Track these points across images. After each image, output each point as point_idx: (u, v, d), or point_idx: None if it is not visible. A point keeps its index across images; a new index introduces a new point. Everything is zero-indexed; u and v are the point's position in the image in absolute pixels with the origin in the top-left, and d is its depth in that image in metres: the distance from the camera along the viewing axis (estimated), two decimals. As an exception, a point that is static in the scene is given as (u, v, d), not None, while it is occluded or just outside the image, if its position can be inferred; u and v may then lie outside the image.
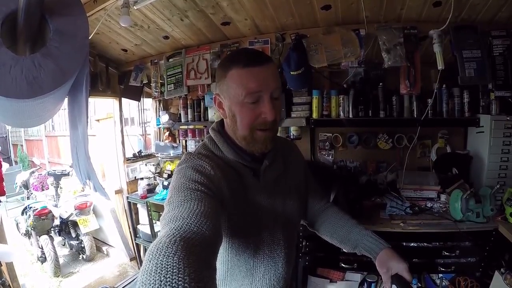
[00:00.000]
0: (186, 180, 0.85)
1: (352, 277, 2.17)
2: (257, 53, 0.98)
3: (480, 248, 2.01)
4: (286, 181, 1.11)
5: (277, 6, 2.15)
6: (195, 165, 0.91)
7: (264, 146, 0.96)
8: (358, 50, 2.22)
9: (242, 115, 0.92)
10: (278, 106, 0.94)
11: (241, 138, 0.97)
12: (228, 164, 0.98)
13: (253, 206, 0.99)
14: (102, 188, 2.00)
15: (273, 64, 0.94)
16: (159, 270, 0.51)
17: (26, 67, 1.03)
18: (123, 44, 2.92)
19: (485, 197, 1.99)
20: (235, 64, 0.90)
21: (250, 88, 0.88)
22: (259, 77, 0.88)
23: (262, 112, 0.90)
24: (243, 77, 0.88)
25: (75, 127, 1.62)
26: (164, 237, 0.62)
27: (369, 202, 2.38)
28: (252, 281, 1.01)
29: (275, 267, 1.03)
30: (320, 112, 2.55)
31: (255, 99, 0.89)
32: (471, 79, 2.09)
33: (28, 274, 3.94)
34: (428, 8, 2.03)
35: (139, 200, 3.33)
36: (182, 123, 3.31)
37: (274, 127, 0.97)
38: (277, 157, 1.09)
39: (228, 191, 0.92)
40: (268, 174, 1.04)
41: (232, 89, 0.90)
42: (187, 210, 0.72)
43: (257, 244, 1.00)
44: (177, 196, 0.79)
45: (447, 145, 2.58)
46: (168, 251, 0.56)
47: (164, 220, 0.73)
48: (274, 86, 0.91)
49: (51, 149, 8.89)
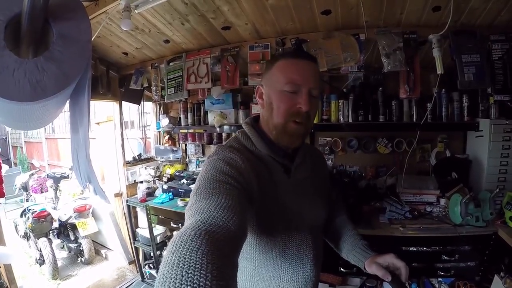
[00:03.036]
0: (216, 171, 0.84)
1: (351, 281, 2.16)
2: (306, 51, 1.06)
3: (480, 252, 2.01)
4: (315, 184, 1.12)
5: (277, 11, 2.17)
6: (226, 158, 0.91)
7: (292, 141, 0.99)
8: (358, 55, 2.23)
9: (279, 102, 0.96)
10: (314, 104, 0.98)
11: (273, 127, 0.99)
12: (259, 158, 0.99)
13: (282, 203, 0.99)
14: (103, 191, 1.99)
15: (317, 66, 1.00)
16: (182, 264, 0.50)
17: (29, 70, 1.04)
18: (124, 47, 2.93)
19: (485, 201, 1.99)
20: (284, 56, 0.99)
21: (292, 78, 0.94)
22: (302, 70, 0.95)
23: (298, 102, 0.94)
24: (288, 66, 0.96)
25: (76, 130, 1.62)
26: (189, 229, 0.61)
27: (369, 207, 2.39)
28: (279, 283, 0.99)
29: (303, 268, 1.01)
30: (319, 117, 2.56)
31: (294, 89, 0.94)
32: (470, 83, 2.10)
33: (26, 276, 3.93)
34: (427, 12, 2.04)
35: (139, 204, 3.32)
36: (182, 127, 3.33)
37: (308, 123, 0.98)
38: (307, 159, 1.10)
39: (258, 186, 0.91)
40: (298, 172, 1.05)
41: (275, 77, 0.97)
42: (214, 203, 0.71)
43: (285, 243, 0.98)
44: (205, 188, 0.78)
45: (447, 149, 2.59)
46: (192, 244, 0.55)
47: (190, 211, 0.72)
48: (314, 84, 0.96)
49: (50, 152, 8.88)
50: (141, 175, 3.65)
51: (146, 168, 3.70)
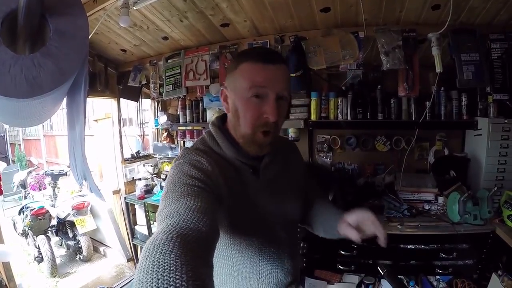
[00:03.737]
0: (183, 175, 0.83)
1: (349, 279, 2.17)
2: (271, 51, 0.99)
3: (478, 250, 2.02)
4: (287, 179, 1.09)
5: (276, 8, 2.16)
6: (192, 161, 0.89)
7: (260, 149, 0.95)
8: (357, 53, 2.22)
9: (245, 111, 0.90)
10: (283, 108, 0.93)
11: (240, 136, 0.95)
12: (226, 160, 0.96)
13: (253, 204, 0.98)
14: (98, 189, 1.99)
15: (285, 66, 0.93)
16: (156, 268, 0.51)
17: (25, 66, 1.03)
18: (122, 44, 2.92)
19: (483, 200, 2.00)
20: (248, 58, 0.90)
21: (256, 82, 0.87)
22: (268, 74, 0.88)
23: (265, 111, 0.88)
24: (252, 70, 0.88)
25: (73, 127, 1.61)
26: (160, 233, 0.61)
27: (367, 204, 2.38)
28: (259, 277, 0.99)
29: (282, 263, 1.02)
30: (318, 114, 2.56)
31: (259, 94, 0.88)
32: (469, 82, 2.10)
33: (25, 274, 3.93)
34: (427, 11, 2.04)
35: (137, 201, 3.32)
36: (181, 124, 3.31)
37: (276, 130, 0.94)
38: (278, 155, 1.07)
39: (226, 187, 0.90)
40: (267, 172, 1.02)
41: (239, 82, 0.90)
42: (183, 206, 0.71)
43: (260, 241, 0.98)
44: (174, 192, 0.77)
45: (445, 148, 2.59)
46: (164, 248, 0.55)
47: (160, 216, 0.71)
48: (282, 87, 0.89)
49: (49, 149, 8.87)
50: (139, 172, 3.65)
51: (144, 165, 3.69)
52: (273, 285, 1.02)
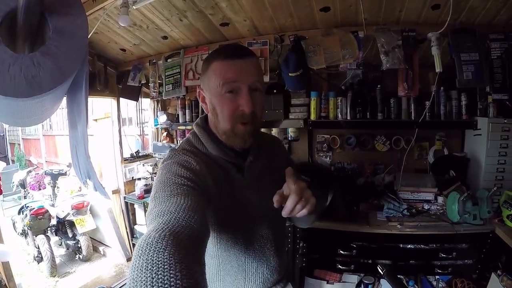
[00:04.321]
0: (172, 175, 0.84)
1: (349, 278, 2.16)
2: (239, 47, 1.00)
3: (477, 250, 2.03)
4: (272, 176, 1.09)
5: (276, 7, 2.16)
6: (180, 160, 0.91)
7: (243, 141, 0.96)
8: (357, 52, 2.22)
9: (222, 107, 0.93)
10: (258, 99, 0.94)
11: (222, 132, 0.97)
12: (212, 159, 0.98)
13: (239, 202, 0.99)
14: (102, 187, 1.99)
15: (255, 59, 0.96)
16: (150, 267, 0.51)
17: (25, 65, 1.03)
18: (121, 43, 2.92)
19: (482, 200, 2.00)
20: (217, 57, 0.93)
21: (227, 78, 0.89)
22: (238, 68, 0.90)
23: (240, 104, 0.91)
24: (222, 68, 0.91)
25: (74, 127, 1.61)
26: (153, 231, 0.61)
27: (367, 204, 2.40)
28: (245, 275, 1.01)
29: (267, 261, 1.04)
30: (318, 114, 2.56)
31: (232, 89, 0.90)
32: (469, 82, 2.10)
33: (24, 273, 3.92)
34: (426, 10, 2.04)
35: (136, 201, 3.32)
36: (180, 124, 3.31)
37: (254, 121, 0.95)
38: (261, 152, 1.08)
39: (214, 186, 0.91)
40: (252, 170, 1.04)
41: (212, 81, 0.93)
42: (174, 204, 0.71)
43: (246, 239, 1.00)
44: (163, 191, 0.78)
45: (445, 148, 2.59)
46: (158, 246, 0.55)
47: (151, 215, 0.72)
48: (253, 78, 0.92)
49: (48, 148, 8.86)
50: (139, 172, 3.65)
51: (144, 165, 3.69)
52: (259, 283, 1.04)
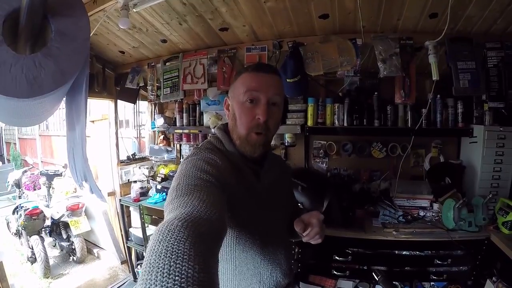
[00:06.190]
0: (196, 170, 0.87)
1: (344, 284, 2.16)
2: (267, 64, 1.12)
3: (472, 257, 2.03)
4: (281, 187, 1.18)
5: (275, 13, 2.17)
6: (206, 157, 0.95)
7: (253, 150, 1.03)
8: (354, 59, 2.23)
9: (240, 114, 1.01)
10: (274, 113, 1.03)
11: (237, 137, 1.04)
12: (231, 161, 1.02)
13: (256, 204, 1.03)
14: (99, 189, 1.99)
15: (279, 77, 1.06)
16: (169, 254, 0.51)
17: (26, 66, 1.03)
18: (120, 46, 2.92)
19: (478, 207, 2.01)
20: (246, 70, 1.05)
21: (251, 87, 1.00)
22: (261, 80, 1.00)
23: (257, 113, 0.99)
24: (248, 78, 1.02)
25: (72, 128, 1.61)
26: (176, 219, 0.61)
27: (362, 210, 2.40)
28: (260, 279, 1.03)
29: (280, 265, 1.07)
30: (315, 120, 2.57)
31: (253, 98, 0.99)
32: (465, 90, 2.11)
33: (17, 274, 3.89)
34: (424, 19, 2.05)
35: (132, 203, 3.31)
36: (177, 127, 3.31)
37: (268, 133, 1.03)
38: (275, 166, 1.16)
39: (236, 185, 0.95)
40: (267, 176, 1.10)
41: (237, 89, 1.03)
42: (197, 198, 0.73)
43: (262, 241, 1.02)
44: (187, 184, 0.81)
45: (441, 155, 2.61)
46: (180, 235, 0.56)
47: (171, 205, 0.73)
48: (274, 92, 1.00)
49: (44, 149, 8.80)
50: (135, 175, 3.63)
51: (140, 168, 3.68)
52: (272, 287, 1.06)
